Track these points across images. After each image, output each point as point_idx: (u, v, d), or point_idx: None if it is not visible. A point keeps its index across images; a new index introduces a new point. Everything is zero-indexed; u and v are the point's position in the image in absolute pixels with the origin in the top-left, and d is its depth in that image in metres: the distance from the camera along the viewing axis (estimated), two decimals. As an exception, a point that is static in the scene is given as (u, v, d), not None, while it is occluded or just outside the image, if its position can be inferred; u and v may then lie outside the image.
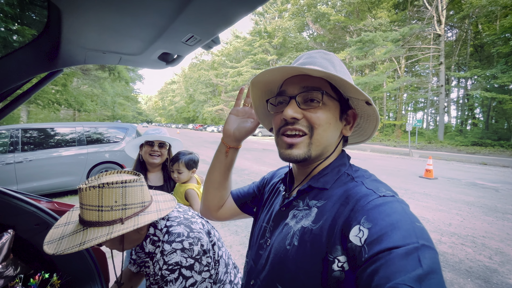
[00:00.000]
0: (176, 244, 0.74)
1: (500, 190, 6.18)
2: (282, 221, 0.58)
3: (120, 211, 0.69)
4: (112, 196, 0.67)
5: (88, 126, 5.37)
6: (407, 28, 19.62)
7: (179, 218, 0.84)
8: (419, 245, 0.35)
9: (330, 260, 0.44)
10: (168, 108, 77.79)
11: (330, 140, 0.55)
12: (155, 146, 1.52)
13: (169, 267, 0.71)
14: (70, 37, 0.90)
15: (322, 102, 0.53)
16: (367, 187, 0.48)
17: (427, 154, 13.51)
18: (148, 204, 0.77)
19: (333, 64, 0.56)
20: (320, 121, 0.53)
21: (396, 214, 0.40)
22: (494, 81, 17.00)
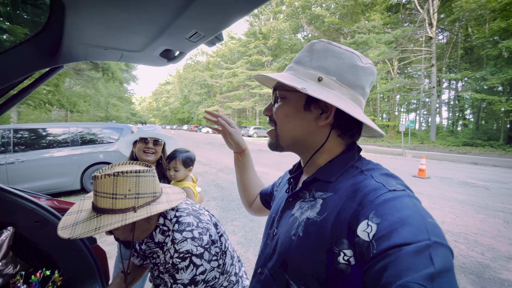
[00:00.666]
0: (187, 233, 0.76)
1: (491, 189, 6.33)
2: (289, 212, 0.59)
3: (133, 199, 0.72)
4: (126, 185, 0.70)
5: (82, 126, 5.30)
6: (399, 31, 19.95)
7: (188, 209, 0.86)
8: (431, 242, 0.34)
9: (336, 253, 0.43)
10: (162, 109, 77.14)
11: (296, 131, 0.56)
12: (150, 143, 1.49)
13: (180, 255, 0.73)
14: (72, 33, 0.90)
15: (281, 96, 0.58)
16: (376, 181, 0.46)
17: (420, 154, 13.74)
18: (159, 195, 0.80)
19: (310, 53, 0.55)
20: (276, 115, 0.58)
21: (406, 209, 0.39)
22: (483, 82, 17.42)
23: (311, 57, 0.54)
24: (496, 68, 16.84)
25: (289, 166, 2.67)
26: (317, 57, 0.54)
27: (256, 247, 3.04)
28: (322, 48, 0.54)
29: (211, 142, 19.52)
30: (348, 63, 0.52)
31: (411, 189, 0.46)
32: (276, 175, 7.27)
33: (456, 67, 23.88)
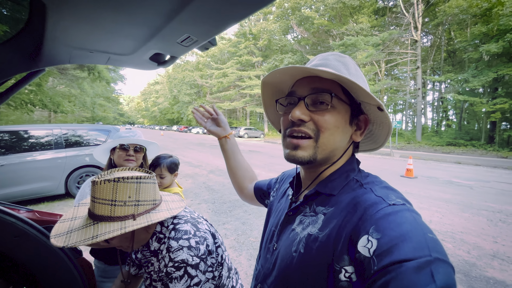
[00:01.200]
0: (183, 241, 0.73)
1: (474, 188, 6.57)
2: (289, 226, 0.57)
3: (133, 207, 0.69)
4: (126, 191, 0.68)
5: (67, 128, 5.10)
6: (386, 33, 20.46)
7: (186, 216, 0.83)
8: (432, 258, 0.33)
9: (337, 270, 0.42)
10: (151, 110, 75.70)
11: (337, 144, 0.53)
12: (130, 151, 1.35)
13: (175, 264, 0.70)
14: (55, 35, 0.84)
15: (331, 105, 0.51)
16: (376, 195, 0.46)
17: (407, 154, 14.12)
18: (158, 202, 0.78)
19: (347, 67, 0.54)
20: (328, 124, 0.51)
21: (406, 224, 0.38)
22: (465, 84, 18.13)
23: (349, 71, 0.54)
24: (477, 71, 17.55)
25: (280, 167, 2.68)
26: (353, 74, 0.54)
27: (249, 250, 3.00)
28: (353, 65, 0.56)
29: (201, 143, 19.32)
30: (368, 88, 0.55)
31: (410, 202, 0.45)
32: (267, 176, 7.25)
33: (439, 69, 24.73)
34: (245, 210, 4.43)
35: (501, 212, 4.61)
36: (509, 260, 2.91)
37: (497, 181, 7.55)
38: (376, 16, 26.81)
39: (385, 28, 24.41)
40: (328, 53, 0.57)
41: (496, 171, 9.78)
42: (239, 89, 34.35)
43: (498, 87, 17.78)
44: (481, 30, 16.52)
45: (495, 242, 3.36)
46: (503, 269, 2.73)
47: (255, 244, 3.18)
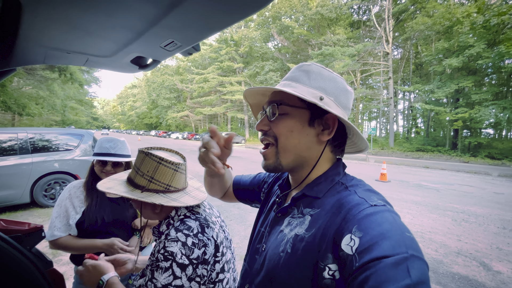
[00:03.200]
0: (181, 235, 0.72)
1: (441, 190, 7.07)
2: (278, 227, 0.59)
3: (146, 181, 0.78)
4: (147, 165, 0.77)
5: (33, 132, 4.73)
6: (361, 45, 21.65)
7: (200, 214, 0.82)
8: (408, 255, 0.36)
9: (321, 268, 0.44)
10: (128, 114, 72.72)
11: (300, 147, 0.56)
12: (108, 166, 1.25)
13: (165, 253, 0.69)
14: (29, 34, 0.81)
15: (279, 112, 0.57)
16: (359, 196, 0.48)
17: (381, 159, 14.86)
18: (173, 189, 0.80)
19: (307, 74, 0.58)
20: (280, 130, 0.56)
21: (386, 223, 0.41)
22: (431, 95, 19.59)
23: (309, 77, 0.57)
24: (441, 83, 19.08)
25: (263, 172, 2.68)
26: (315, 78, 0.57)
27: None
28: (317, 70, 0.58)
29: (181, 149, 18.86)
30: (341, 87, 0.58)
31: (390, 204, 0.49)
32: (248, 182, 7.25)
33: (409, 80, 26.55)
34: (226, 216, 4.39)
35: (464, 212, 5.00)
36: (471, 256, 3.16)
37: (459, 184, 8.19)
38: (352, 28, 28.33)
39: (360, 40, 25.80)
40: (298, 65, 0.62)
41: (459, 174, 10.61)
42: (220, 94, 34.24)
43: (459, 98, 19.44)
44: (444, 45, 18.07)
45: (459, 240, 3.63)
46: (467, 265, 2.95)
47: (237, 250, 3.15)
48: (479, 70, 18.67)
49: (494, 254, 3.24)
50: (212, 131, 0.64)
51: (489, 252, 3.29)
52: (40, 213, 4.38)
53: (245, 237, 3.54)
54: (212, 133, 0.64)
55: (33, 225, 1.05)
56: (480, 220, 4.57)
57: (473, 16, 16.74)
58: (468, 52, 16.25)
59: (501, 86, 19.59)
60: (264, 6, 0.64)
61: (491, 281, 2.64)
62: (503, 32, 15.87)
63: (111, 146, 1.27)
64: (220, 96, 34.32)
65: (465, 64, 17.54)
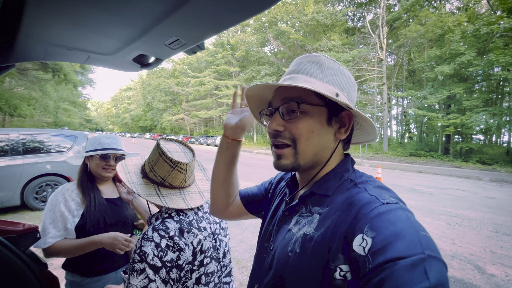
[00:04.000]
0: (156, 235, 0.69)
1: (434, 194, 7.16)
2: (286, 226, 0.57)
3: (149, 169, 0.82)
4: (153, 154, 0.82)
5: (25, 133, 4.64)
6: (356, 51, 22.01)
7: (185, 219, 0.79)
8: (425, 256, 0.34)
9: (332, 268, 0.43)
10: (122, 116, 71.98)
11: (319, 147, 0.54)
12: (111, 160, 1.26)
13: (140, 253, 0.66)
14: (31, 30, 0.79)
15: (300, 111, 0.52)
16: (370, 194, 0.46)
17: (375, 163, 15.00)
18: (168, 185, 0.81)
19: (319, 67, 0.54)
20: (300, 131, 0.53)
21: (400, 222, 0.39)
22: (424, 101, 19.95)
23: (322, 70, 0.54)
24: (433, 89, 19.47)
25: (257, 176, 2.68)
26: (328, 72, 0.54)
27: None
28: (328, 64, 0.55)
29: (176, 152, 18.70)
30: (352, 81, 0.57)
31: (403, 201, 0.47)
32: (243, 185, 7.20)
33: (402, 86, 27.04)
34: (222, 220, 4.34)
35: (457, 216, 5.07)
36: (465, 259, 3.19)
37: (452, 188, 8.31)
38: (347, 35, 28.80)
39: (354, 46, 26.23)
40: (303, 55, 0.58)
41: (451, 179, 10.78)
42: (216, 97, 34.24)
43: (451, 104, 19.85)
44: (436, 53, 18.49)
45: (453, 244, 3.67)
46: (461, 268, 2.98)
47: (233, 253, 3.12)
48: (469, 77, 19.15)
49: (488, 257, 3.28)
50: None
51: (483, 255, 3.34)
52: (31, 216, 4.27)
53: (242, 241, 3.51)
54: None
55: (27, 226, 1.03)
56: (474, 224, 4.64)
57: (464, 25, 17.22)
58: (459, 59, 16.65)
59: (491, 93, 20.11)
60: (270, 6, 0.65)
61: (485, 284, 2.66)
62: (493, 41, 16.35)
63: (112, 142, 1.29)
64: (216, 100, 34.31)
65: (457, 71, 17.96)
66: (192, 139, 34.39)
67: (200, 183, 0.95)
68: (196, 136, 36.02)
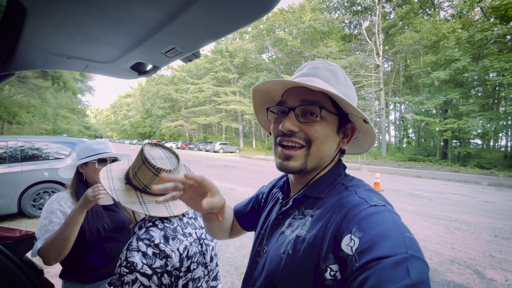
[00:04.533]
0: (142, 245, 0.69)
1: (433, 199, 7.15)
2: (279, 229, 0.58)
3: (132, 175, 0.81)
4: (137, 160, 0.81)
5: (24, 140, 4.64)
6: (353, 58, 22.31)
7: (169, 225, 0.78)
8: (408, 255, 0.36)
9: (323, 269, 0.44)
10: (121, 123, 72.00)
11: (327, 152, 0.56)
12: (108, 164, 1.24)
13: (127, 264, 0.65)
14: (32, 39, 0.82)
15: (320, 116, 0.54)
16: (359, 196, 0.49)
17: (374, 168, 15.00)
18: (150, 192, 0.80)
19: (336, 76, 0.56)
20: (318, 134, 0.54)
21: (386, 223, 0.41)
22: (421, 106, 20.14)
23: (337, 80, 0.57)
24: (430, 94, 19.66)
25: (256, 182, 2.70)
26: (343, 83, 0.57)
27: (225, 267, 2.91)
28: (342, 74, 0.59)
29: (174, 158, 18.64)
30: (355, 96, 0.60)
31: (390, 204, 0.49)
32: (242, 191, 7.20)
33: (399, 91, 27.29)
34: (221, 226, 4.31)
35: (456, 220, 5.06)
36: (465, 264, 3.17)
37: (451, 193, 8.30)
38: (343, 41, 29.22)
39: (351, 52, 26.59)
40: (318, 61, 0.59)
41: (450, 183, 10.78)
42: (215, 104, 34.39)
43: (447, 109, 20.03)
44: (431, 59, 18.74)
45: (452, 248, 3.66)
46: (461, 273, 2.96)
47: (232, 260, 3.10)
48: (465, 82, 19.36)
49: (487, 261, 3.27)
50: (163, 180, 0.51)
51: (482, 260, 3.32)
52: (28, 223, 4.23)
53: (240, 247, 3.48)
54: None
55: (24, 232, 1.03)
56: (472, 228, 4.63)
57: (458, 32, 17.53)
58: (455, 65, 16.88)
59: (487, 98, 20.32)
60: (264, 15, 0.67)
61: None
62: (487, 47, 16.62)
63: (104, 147, 1.29)
64: (214, 106, 34.47)
65: (452, 77, 18.17)
66: (191, 145, 34.37)
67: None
68: (195, 142, 35.99)
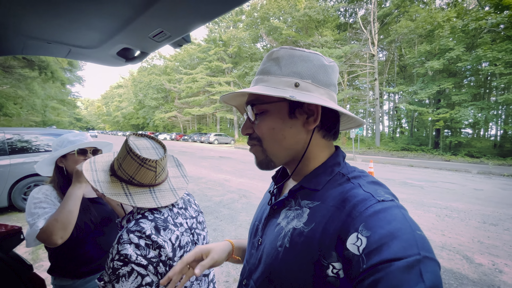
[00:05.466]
0: (133, 237, 0.67)
1: (425, 187, 7.31)
2: (274, 220, 0.57)
3: (117, 167, 0.78)
4: (122, 151, 0.78)
5: (12, 132, 4.50)
6: (348, 47, 22.11)
7: (160, 216, 0.76)
8: (420, 257, 0.34)
9: (324, 265, 0.42)
10: (113, 114, 70.71)
11: (286, 141, 0.53)
12: (89, 154, 1.22)
13: (121, 257, 0.63)
14: (5, 21, 0.75)
15: (256, 113, 0.54)
16: (364, 190, 0.45)
17: (368, 158, 15.20)
18: (137, 183, 0.77)
19: (277, 62, 0.53)
20: (261, 130, 0.54)
21: (396, 221, 0.38)
22: (415, 96, 20.26)
23: (279, 65, 0.53)
24: (423, 84, 19.78)
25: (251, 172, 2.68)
26: (286, 64, 0.52)
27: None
28: (287, 55, 0.53)
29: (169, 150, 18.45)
30: (317, 64, 0.53)
31: (396, 197, 0.46)
32: (238, 182, 7.22)
33: (393, 81, 27.36)
34: (216, 217, 4.34)
35: (446, 208, 5.19)
36: (454, 250, 3.28)
37: (442, 181, 8.50)
38: (339, 30, 28.86)
39: (346, 42, 26.34)
40: (268, 53, 0.57)
41: (441, 172, 11.02)
42: (209, 94, 33.94)
43: (440, 99, 20.23)
44: (426, 48, 18.74)
45: (443, 235, 3.76)
46: (451, 258, 3.06)
47: (227, 250, 3.12)
48: (458, 72, 19.51)
49: (476, 247, 3.38)
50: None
51: (471, 245, 3.43)
52: (19, 217, 4.16)
53: (236, 237, 3.51)
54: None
55: (10, 227, 0.99)
56: (462, 215, 4.76)
57: (453, 21, 17.48)
58: (449, 55, 16.93)
59: (479, 88, 20.58)
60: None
61: (473, 273, 2.75)
62: (480, 36, 16.67)
63: (81, 138, 1.24)
64: (209, 97, 34.02)
65: (446, 67, 18.26)
66: (186, 136, 34.10)
67: (174, 179, 0.90)
68: (190, 134, 35.73)
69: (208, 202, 5.20)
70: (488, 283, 2.57)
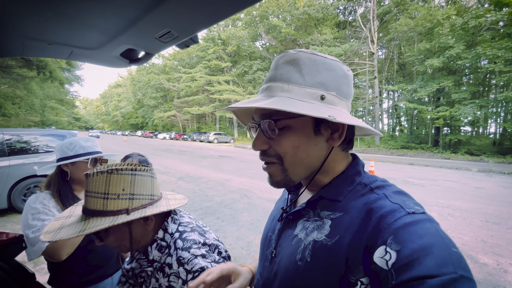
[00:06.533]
0: (195, 250, 0.68)
1: (425, 186, 7.30)
2: (290, 232, 0.53)
3: (127, 200, 0.64)
4: (120, 183, 0.64)
5: (11, 133, 4.46)
6: (347, 45, 22.07)
7: (191, 224, 0.77)
8: (457, 276, 0.31)
9: (352, 282, 0.40)
10: (112, 114, 70.50)
11: (309, 160, 0.49)
12: (98, 165, 1.19)
13: (195, 274, 0.64)
14: (5, 22, 0.72)
15: (280, 129, 0.48)
16: (392, 201, 0.43)
17: (368, 157, 15.20)
18: (157, 198, 0.71)
19: (298, 68, 0.47)
20: (283, 148, 0.48)
21: (428, 236, 0.36)
22: (414, 94, 20.24)
23: (301, 72, 0.47)
24: (423, 82, 19.75)
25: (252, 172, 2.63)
26: (310, 72, 0.47)
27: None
28: (309, 60, 0.47)
29: (168, 149, 18.49)
30: (341, 74, 0.49)
31: (425, 210, 0.44)
32: (239, 181, 7.19)
33: (393, 79, 27.36)
34: (218, 217, 4.31)
35: (449, 207, 5.18)
36: (458, 249, 3.26)
37: (443, 180, 8.50)
38: (338, 29, 28.79)
39: (346, 40, 26.28)
40: (280, 55, 0.50)
41: (441, 170, 11.02)
42: (208, 93, 33.85)
43: (440, 97, 20.21)
44: (426, 46, 18.69)
45: (446, 234, 3.75)
46: (454, 258, 3.04)
47: (230, 251, 3.09)
48: (458, 70, 19.47)
49: (480, 246, 3.37)
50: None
51: (475, 245, 3.42)
52: (19, 219, 4.12)
53: (238, 238, 3.49)
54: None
55: (12, 235, 0.96)
56: (465, 214, 4.75)
57: (453, 18, 17.43)
58: (448, 53, 16.89)
59: (478, 86, 20.57)
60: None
61: (478, 273, 2.73)
62: (480, 34, 16.64)
63: (93, 144, 1.21)
64: (208, 95, 33.93)
65: (445, 65, 18.23)
66: (185, 135, 34.03)
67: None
68: (189, 133, 35.64)
69: (209, 202, 5.18)
70: (493, 284, 2.55)
